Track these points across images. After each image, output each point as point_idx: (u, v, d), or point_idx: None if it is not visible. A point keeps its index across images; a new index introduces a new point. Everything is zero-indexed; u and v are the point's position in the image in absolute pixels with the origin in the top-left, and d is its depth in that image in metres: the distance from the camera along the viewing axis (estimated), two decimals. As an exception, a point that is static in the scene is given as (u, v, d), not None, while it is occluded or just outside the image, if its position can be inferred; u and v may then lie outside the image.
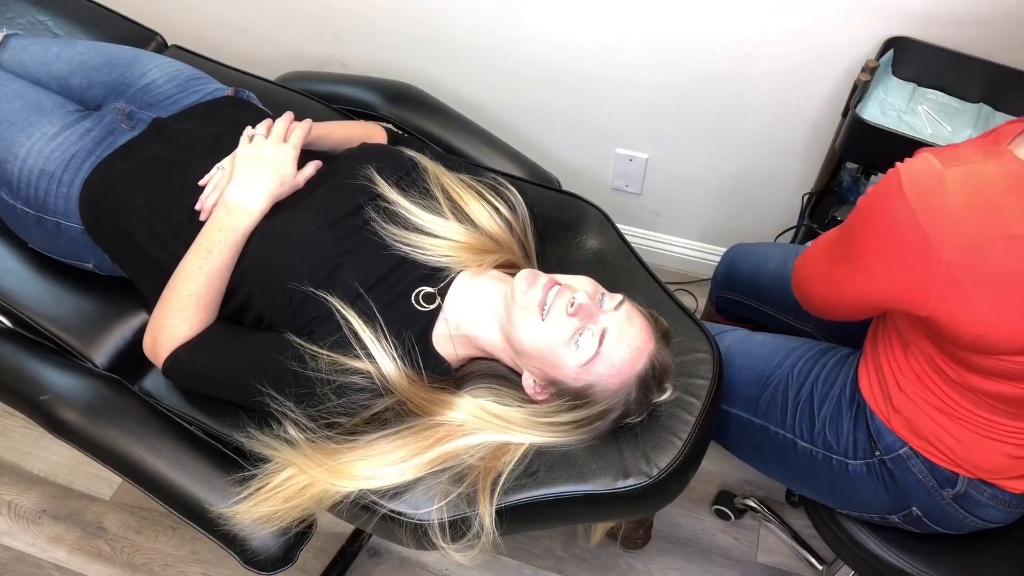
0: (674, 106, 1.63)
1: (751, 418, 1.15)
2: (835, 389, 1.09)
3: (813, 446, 1.09)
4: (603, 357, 0.92)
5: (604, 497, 0.94)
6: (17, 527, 1.63)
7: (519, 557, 1.58)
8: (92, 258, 1.21)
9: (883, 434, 1.01)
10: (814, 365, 1.13)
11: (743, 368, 1.18)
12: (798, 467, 1.12)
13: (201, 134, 1.19)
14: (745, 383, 1.17)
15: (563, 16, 1.54)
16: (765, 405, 1.14)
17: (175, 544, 1.60)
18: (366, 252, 1.06)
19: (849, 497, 1.09)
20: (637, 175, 1.81)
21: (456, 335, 1.03)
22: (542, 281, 0.95)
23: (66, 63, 1.33)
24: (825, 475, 1.09)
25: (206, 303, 1.05)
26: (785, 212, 1.75)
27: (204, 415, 1.10)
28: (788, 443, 1.11)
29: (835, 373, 1.11)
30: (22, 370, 1.14)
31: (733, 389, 1.17)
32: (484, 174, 1.20)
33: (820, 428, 1.08)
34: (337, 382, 0.94)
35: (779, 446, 1.13)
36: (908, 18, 1.32)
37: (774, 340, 1.21)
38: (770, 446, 1.14)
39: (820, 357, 1.14)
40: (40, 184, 1.16)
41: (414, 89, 1.47)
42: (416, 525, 0.95)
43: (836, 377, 1.10)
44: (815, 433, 1.08)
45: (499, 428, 0.96)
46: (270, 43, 1.88)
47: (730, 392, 1.18)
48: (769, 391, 1.14)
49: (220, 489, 1.03)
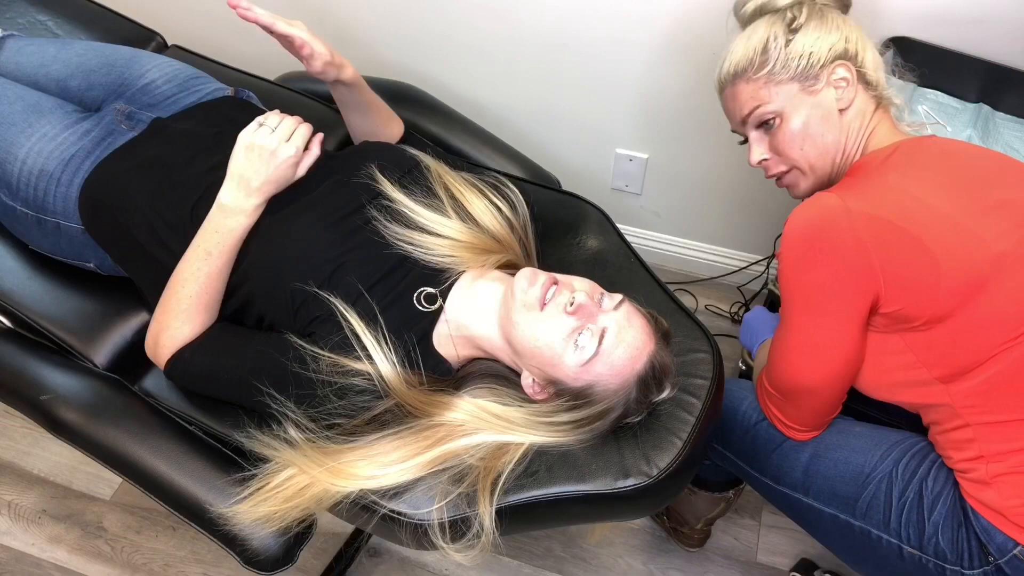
0: (674, 106, 1.63)
1: (849, 520, 1.03)
2: (948, 489, 0.97)
3: (923, 554, 0.97)
4: (603, 357, 0.93)
5: (604, 497, 0.94)
6: (17, 527, 1.63)
7: (519, 557, 1.58)
8: (93, 258, 1.21)
9: (992, 534, 0.91)
10: (922, 461, 1.01)
11: (839, 463, 1.05)
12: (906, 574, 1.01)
13: (201, 134, 1.19)
14: (842, 480, 1.04)
15: (563, 16, 1.54)
16: (865, 506, 1.01)
17: (175, 544, 1.60)
18: (368, 251, 1.06)
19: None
20: (637, 175, 1.81)
21: (457, 336, 1.03)
22: (542, 279, 0.95)
23: (64, 64, 1.33)
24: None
25: (206, 303, 1.05)
26: (784, 212, 1.74)
27: (204, 415, 1.10)
28: (894, 549, 1.00)
29: (945, 471, 0.99)
30: (22, 370, 1.14)
31: (828, 486, 1.05)
32: (485, 173, 1.20)
33: (932, 533, 0.96)
34: (338, 383, 0.94)
35: (883, 552, 1.01)
36: (908, 18, 1.33)
37: (873, 432, 1.08)
38: (872, 550, 1.03)
39: (928, 452, 1.02)
40: (39, 184, 1.16)
41: (414, 89, 1.47)
42: (416, 525, 0.95)
43: (947, 478, 0.98)
44: (925, 539, 0.96)
45: (499, 428, 0.96)
46: (270, 43, 1.87)
47: (823, 489, 1.06)
48: (870, 490, 1.01)
49: (220, 489, 1.03)
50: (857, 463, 1.03)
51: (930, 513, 0.97)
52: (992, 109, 1.33)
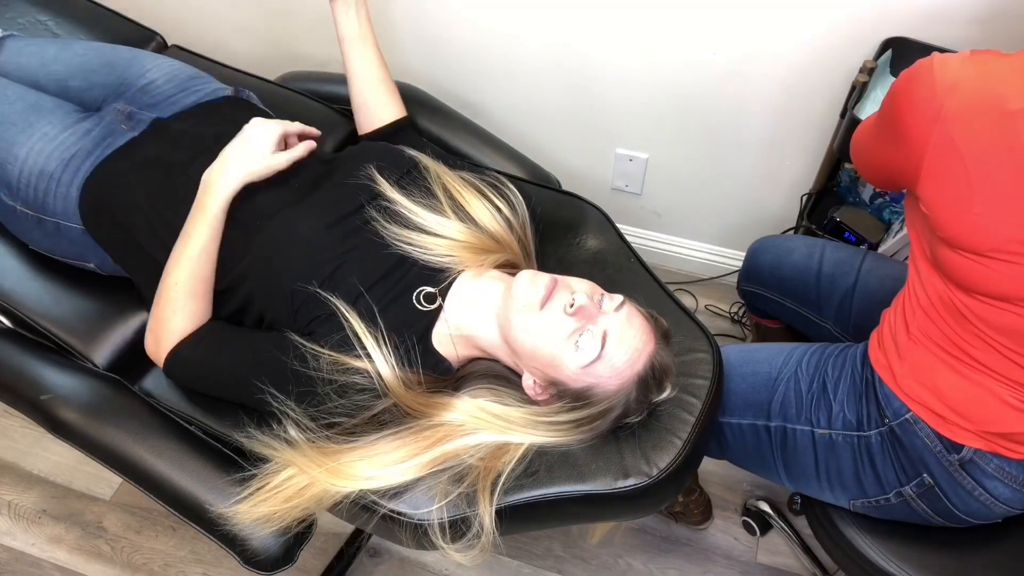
0: (674, 106, 1.63)
1: (766, 423, 1.14)
2: (847, 369, 1.09)
3: (832, 430, 1.08)
4: (604, 359, 0.92)
5: (604, 497, 0.94)
6: (17, 527, 1.63)
7: (519, 557, 1.58)
8: (94, 258, 1.21)
9: (891, 400, 1.02)
10: (821, 355, 1.13)
11: (747, 376, 1.17)
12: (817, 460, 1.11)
13: (201, 134, 1.19)
14: (753, 390, 1.15)
15: (563, 16, 1.54)
16: (778, 405, 1.13)
17: (175, 544, 1.60)
18: (367, 251, 1.06)
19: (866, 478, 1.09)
20: (637, 175, 1.81)
21: (456, 335, 1.03)
22: (542, 280, 0.95)
23: (64, 65, 1.33)
24: (845, 458, 1.08)
25: (192, 290, 1.05)
26: (784, 212, 1.75)
27: (204, 415, 1.10)
28: (806, 436, 1.10)
29: (843, 356, 1.11)
30: (22, 370, 1.14)
31: (741, 399, 1.16)
32: (485, 173, 1.20)
33: (838, 410, 1.08)
34: (339, 382, 0.94)
35: (797, 442, 1.12)
36: (907, 18, 1.32)
37: (774, 345, 1.20)
38: (787, 446, 1.13)
39: (826, 348, 1.14)
40: (39, 184, 1.16)
41: (415, 89, 1.47)
42: (416, 525, 0.95)
43: (845, 359, 1.10)
44: (833, 416, 1.08)
45: (499, 428, 0.96)
46: (270, 43, 1.88)
47: (738, 403, 1.16)
48: (780, 391, 1.13)
49: (220, 489, 1.03)
50: (764, 372, 1.15)
51: (834, 394, 1.09)
52: (992, 109, 1.33)
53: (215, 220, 1.06)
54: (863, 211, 1.49)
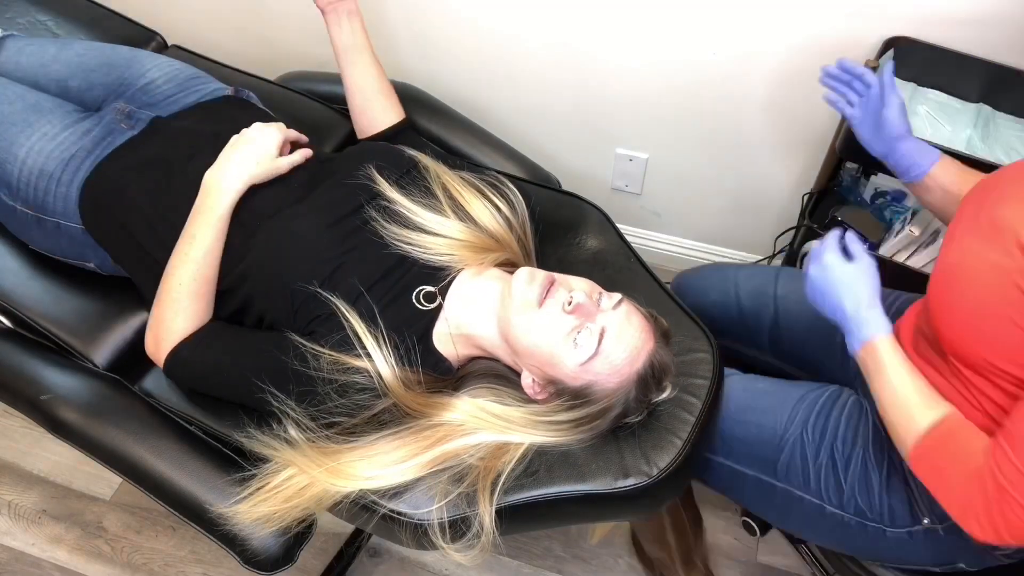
0: (674, 106, 1.63)
1: (772, 481, 1.07)
2: (857, 449, 1.02)
3: (844, 512, 1.02)
4: (602, 356, 0.92)
5: (604, 497, 0.94)
6: (17, 527, 1.63)
7: (519, 557, 1.58)
8: (94, 257, 1.21)
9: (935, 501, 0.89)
10: (827, 419, 1.06)
11: (751, 425, 1.09)
12: (829, 530, 1.05)
13: (201, 133, 1.19)
14: (759, 442, 1.08)
15: (563, 16, 1.54)
16: (784, 468, 1.06)
17: (175, 544, 1.60)
18: (367, 251, 1.06)
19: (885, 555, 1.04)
20: (637, 175, 1.81)
21: (456, 334, 1.03)
22: (540, 278, 0.96)
23: (64, 65, 1.33)
24: (859, 539, 1.02)
25: (195, 291, 1.05)
26: (785, 212, 1.75)
27: (204, 415, 1.10)
28: (815, 508, 1.04)
29: (852, 429, 1.04)
30: (22, 370, 1.14)
31: (746, 449, 1.10)
32: (484, 173, 1.20)
33: (850, 494, 1.01)
34: (339, 382, 0.94)
35: (806, 510, 1.05)
36: (908, 18, 1.32)
37: (776, 389, 1.13)
38: (796, 510, 1.07)
39: (831, 409, 1.07)
40: (39, 184, 1.16)
41: (414, 89, 1.47)
42: (416, 525, 0.95)
43: (856, 435, 1.03)
44: (844, 499, 1.01)
45: (499, 428, 0.96)
46: (270, 43, 1.88)
47: (743, 452, 1.10)
48: (786, 453, 1.06)
49: (220, 489, 1.03)
50: (769, 425, 1.08)
51: (844, 474, 1.01)
52: (993, 109, 1.33)
53: (220, 222, 1.06)
54: (864, 210, 1.49)
